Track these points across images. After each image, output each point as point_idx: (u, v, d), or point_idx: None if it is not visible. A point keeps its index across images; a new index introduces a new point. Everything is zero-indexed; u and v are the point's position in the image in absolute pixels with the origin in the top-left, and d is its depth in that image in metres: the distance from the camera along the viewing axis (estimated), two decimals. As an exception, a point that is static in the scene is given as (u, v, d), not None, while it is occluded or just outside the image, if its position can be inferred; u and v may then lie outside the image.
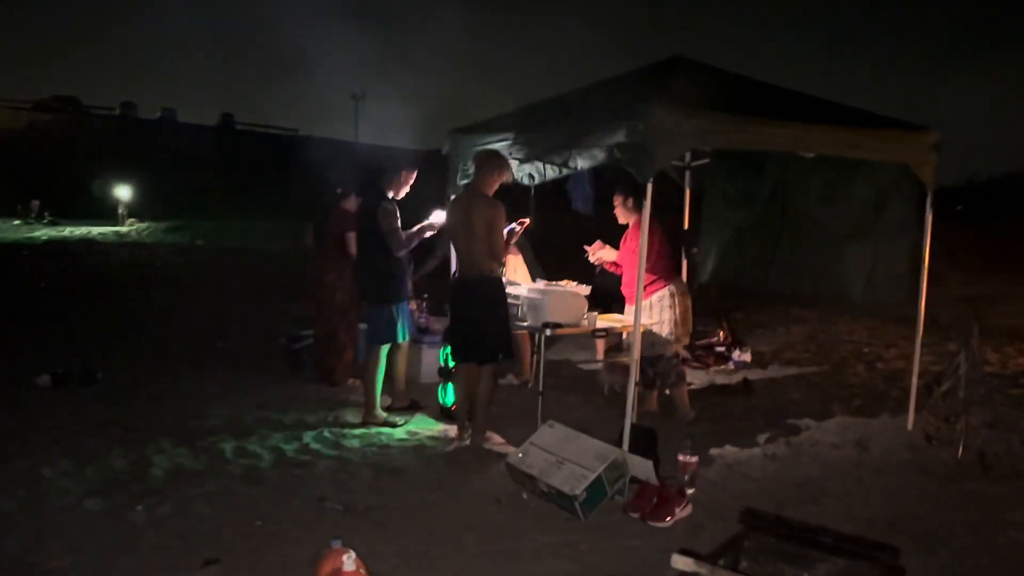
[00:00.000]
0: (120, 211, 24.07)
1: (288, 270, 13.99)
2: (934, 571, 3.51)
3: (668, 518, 4.00)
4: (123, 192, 24.72)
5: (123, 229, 22.96)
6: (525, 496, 4.29)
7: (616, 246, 6.07)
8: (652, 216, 4.74)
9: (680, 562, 2.42)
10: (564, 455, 4.27)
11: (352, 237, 6.34)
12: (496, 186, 5.10)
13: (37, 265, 15.13)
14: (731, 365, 7.34)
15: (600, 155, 4.72)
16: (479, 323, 4.99)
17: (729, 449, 5.12)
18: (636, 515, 4.04)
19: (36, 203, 24.18)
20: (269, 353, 7.51)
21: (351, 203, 6.51)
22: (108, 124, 49.92)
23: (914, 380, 5.62)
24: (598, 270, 6.50)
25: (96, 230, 22.10)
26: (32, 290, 10.86)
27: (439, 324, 6.85)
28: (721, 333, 7.61)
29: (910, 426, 5.54)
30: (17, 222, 23.60)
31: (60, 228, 22.31)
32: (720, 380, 6.99)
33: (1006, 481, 4.55)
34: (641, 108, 4.42)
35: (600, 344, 7.70)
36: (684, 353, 6.44)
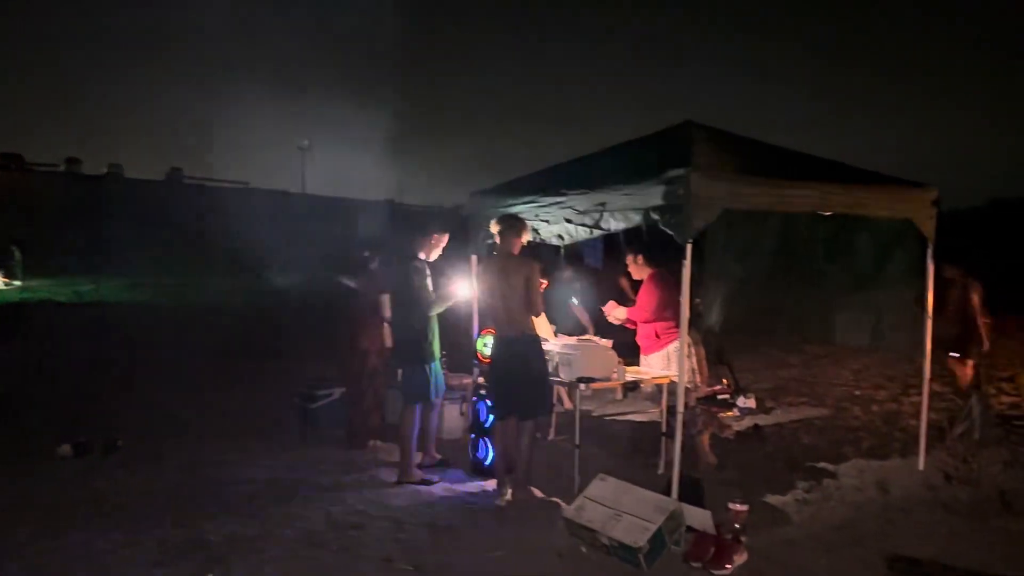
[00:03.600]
0: (13, 265, 23.22)
1: (266, 327, 13.93)
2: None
3: (728, 565, 4.17)
4: (16, 247, 23.74)
5: (18, 283, 22.34)
6: (584, 549, 4.42)
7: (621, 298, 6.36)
8: (665, 269, 5.09)
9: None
10: (622, 508, 4.41)
11: (387, 300, 6.47)
12: (520, 246, 5.32)
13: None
14: (736, 412, 7.57)
15: (635, 217, 4.99)
16: (521, 380, 5.13)
17: (759, 495, 5.33)
18: (697, 564, 4.21)
19: (-11, 263, 23.45)
20: (282, 413, 7.49)
21: (375, 264, 6.64)
22: (53, 181, 48.95)
23: (923, 422, 5.93)
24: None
25: (53, 290, 21.61)
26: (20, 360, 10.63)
27: (456, 380, 6.95)
28: (724, 380, 7.85)
29: (922, 466, 5.83)
30: (-32, 283, 22.89)
31: (17, 289, 21.75)
32: (730, 427, 7.20)
33: (1028, 517, 4.85)
34: (678, 173, 4.68)
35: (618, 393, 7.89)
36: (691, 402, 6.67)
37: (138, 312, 18.28)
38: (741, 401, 7.68)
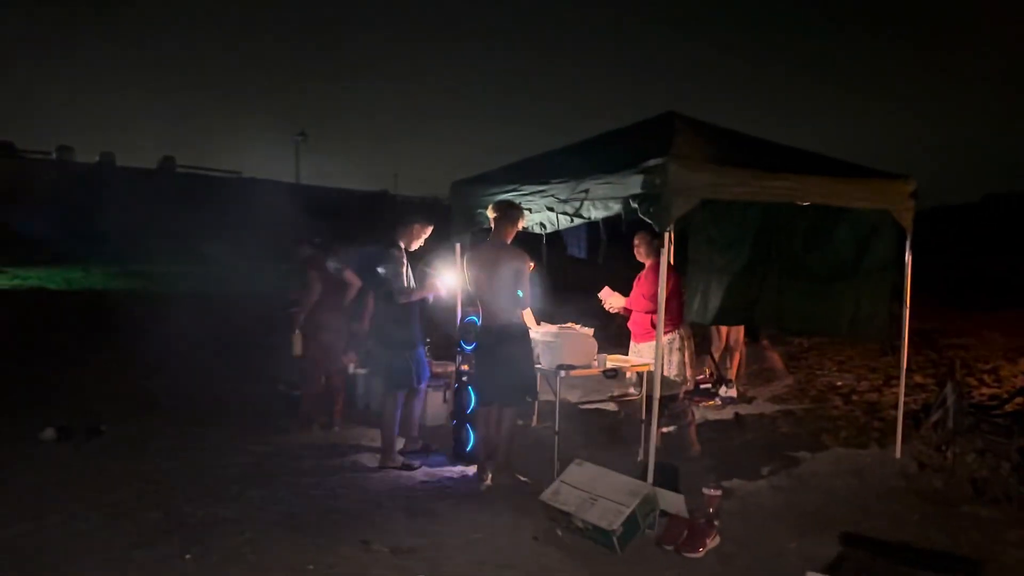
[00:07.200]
0: None
1: (252, 315, 13.88)
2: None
3: (701, 549, 4.23)
4: None
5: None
6: (559, 532, 4.47)
7: (613, 288, 6.39)
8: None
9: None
10: (597, 492, 4.47)
11: (352, 276, 6.61)
12: (514, 234, 5.35)
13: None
14: (718, 401, 7.63)
15: (615, 206, 5.04)
16: (508, 367, 5.17)
17: (737, 482, 5.41)
18: (670, 547, 4.27)
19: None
20: (266, 400, 7.51)
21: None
22: (44, 168, 48.64)
23: (900, 411, 6.01)
24: None
25: (44, 277, 21.56)
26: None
27: (439, 368, 7.00)
28: (707, 371, 7.91)
29: (898, 454, 5.91)
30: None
31: (7, 277, 21.67)
32: (711, 416, 7.28)
33: (997, 504, 4.91)
34: (657, 162, 4.73)
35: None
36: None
37: (127, 300, 18.23)
38: (723, 391, 7.77)
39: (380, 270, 5.62)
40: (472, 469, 5.55)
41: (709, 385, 7.76)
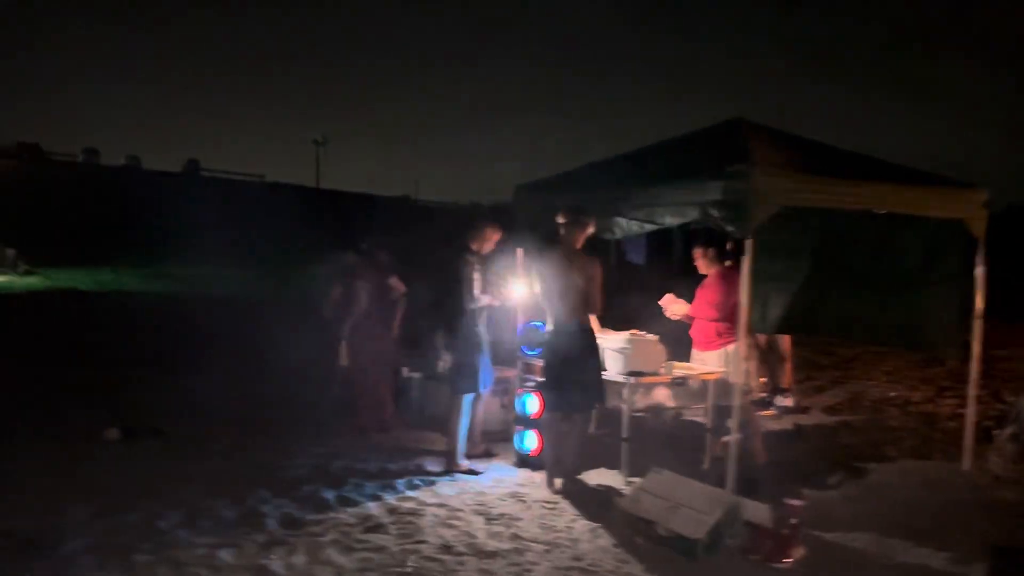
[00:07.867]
0: (11, 259, 23.08)
1: (282, 320, 13.92)
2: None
3: (787, 559, 4.19)
4: (13, 240, 23.58)
5: (31, 279, 22.00)
6: (639, 541, 4.44)
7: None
8: (734, 270, 5.07)
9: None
10: (678, 500, 4.44)
11: (396, 281, 6.68)
12: (583, 240, 5.34)
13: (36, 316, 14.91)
14: (774, 411, 7.59)
15: (692, 212, 5.01)
16: (578, 373, 5.16)
17: (808, 492, 5.32)
18: (756, 557, 4.22)
19: (12, 252, 23.54)
20: (311, 404, 7.47)
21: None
22: (71, 171, 49.09)
23: (969, 423, 5.93)
24: None
25: (75, 279, 21.79)
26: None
27: (498, 373, 6.97)
28: (762, 380, 7.85)
29: (967, 466, 5.83)
30: (-9, 271, 23.05)
31: (40, 278, 21.92)
32: (770, 426, 7.21)
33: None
34: (739, 168, 4.70)
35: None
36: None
37: (159, 301, 18.38)
38: (778, 400, 7.73)
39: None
40: (538, 475, 5.53)
41: (764, 394, 7.74)
